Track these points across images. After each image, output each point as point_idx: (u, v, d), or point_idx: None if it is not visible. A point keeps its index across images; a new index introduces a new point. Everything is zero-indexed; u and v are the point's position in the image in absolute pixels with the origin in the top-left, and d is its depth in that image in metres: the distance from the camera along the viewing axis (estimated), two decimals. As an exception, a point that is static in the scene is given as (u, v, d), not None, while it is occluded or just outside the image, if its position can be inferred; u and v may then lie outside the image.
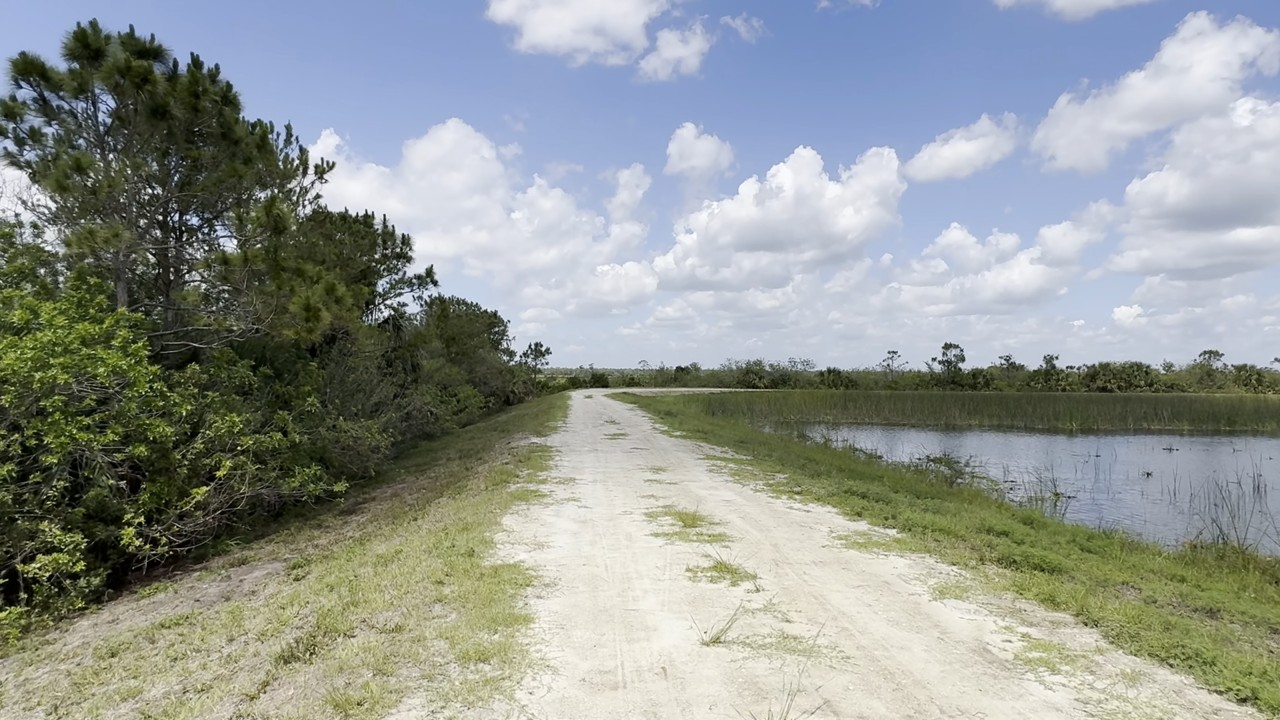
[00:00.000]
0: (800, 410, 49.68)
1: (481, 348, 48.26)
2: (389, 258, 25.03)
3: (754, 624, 4.70)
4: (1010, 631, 4.68)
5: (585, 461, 13.37)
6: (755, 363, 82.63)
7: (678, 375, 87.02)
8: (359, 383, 17.25)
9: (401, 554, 6.84)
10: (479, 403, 39.54)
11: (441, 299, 46.54)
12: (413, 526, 8.79)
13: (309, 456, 13.23)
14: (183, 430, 10.73)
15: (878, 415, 49.24)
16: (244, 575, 8.77)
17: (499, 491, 10.05)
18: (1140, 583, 6.76)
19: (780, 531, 7.57)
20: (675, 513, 8.43)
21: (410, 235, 25.82)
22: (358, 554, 7.67)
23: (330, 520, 12.09)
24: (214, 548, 11.02)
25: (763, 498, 9.79)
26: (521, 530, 7.46)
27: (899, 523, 8.21)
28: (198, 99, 11.83)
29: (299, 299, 11.40)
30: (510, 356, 62.86)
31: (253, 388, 13.60)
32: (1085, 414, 44.55)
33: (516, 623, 4.63)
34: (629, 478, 11.39)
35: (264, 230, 11.81)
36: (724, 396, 55.25)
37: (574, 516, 8.24)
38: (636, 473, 11.96)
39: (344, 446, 15.12)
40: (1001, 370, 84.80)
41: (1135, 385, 77.11)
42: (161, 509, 10.10)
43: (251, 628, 5.64)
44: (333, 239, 21.56)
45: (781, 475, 12.15)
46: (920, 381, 79.78)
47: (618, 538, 7.16)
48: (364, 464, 15.42)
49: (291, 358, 16.80)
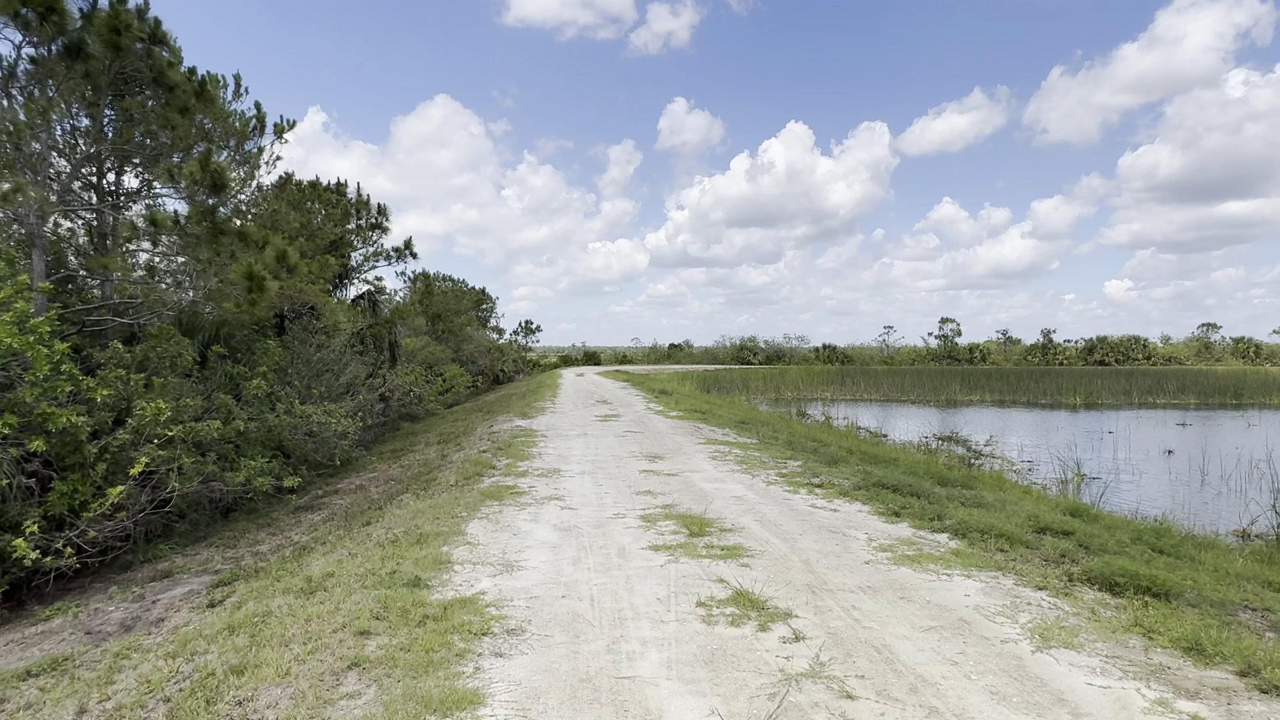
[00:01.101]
0: (797, 387, 48.42)
1: (468, 325, 46.63)
2: (363, 229, 23.38)
3: (802, 705, 3.26)
4: (1168, 710, 3.27)
5: (573, 448, 11.92)
6: (749, 339, 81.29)
7: (671, 352, 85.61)
8: (326, 362, 15.73)
9: (333, 579, 5.38)
10: (466, 382, 38.04)
11: (425, 274, 44.87)
12: (363, 534, 7.32)
13: (262, 445, 11.74)
14: (104, 419, 9.21)
15: (876, 391, 47.97)
16: (161, 594, 7.30)
17: (470, 488, 8.59)
18: (1253, 599, 5.38)
19: (809, 540, 6.14)
20: (677, 515, 6.99)
21: (387, 205, 24.13)
22: (287, 573, 6.20)
23: (283, 519, 10.63)
24: (145, 552, 9.55)
25: (778, 492, 8.36)
26: (488, 543, 6.01)
27: (947, 526, 6.79)
28: (118, 35, 10.18)
29: (239, 266, 9.86)
30: (500, 334, 61.32)
31: (194, 369, 12.09)
32: (1088, 388, 43.39)
33: (458, 707, 3.18)
34: (622, 468, 9.94)
35: (200, 188, 10.22)
36: (718, 374, 53.86)
37: (555, 522, 6.80)
38: (630, 461, 10.52)
39: (307, 433, 13.62)
40: (998, 344, 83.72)
41: (1133, 359, 76.15)
42: (75, 511, 8.61)
43: (114, 693, 4.17)
44: (300, 207, 19.90)
45: (794, 462, 10.72)
46: (917, 357, 78.62)
47: (608, 552, 5.71)
48: (330, 452, 13.93)
49: (251, 336, 15.26)
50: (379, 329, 22.22)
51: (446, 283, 51.28)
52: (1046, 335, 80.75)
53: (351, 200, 23.50)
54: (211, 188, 10.46)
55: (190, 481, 9.58)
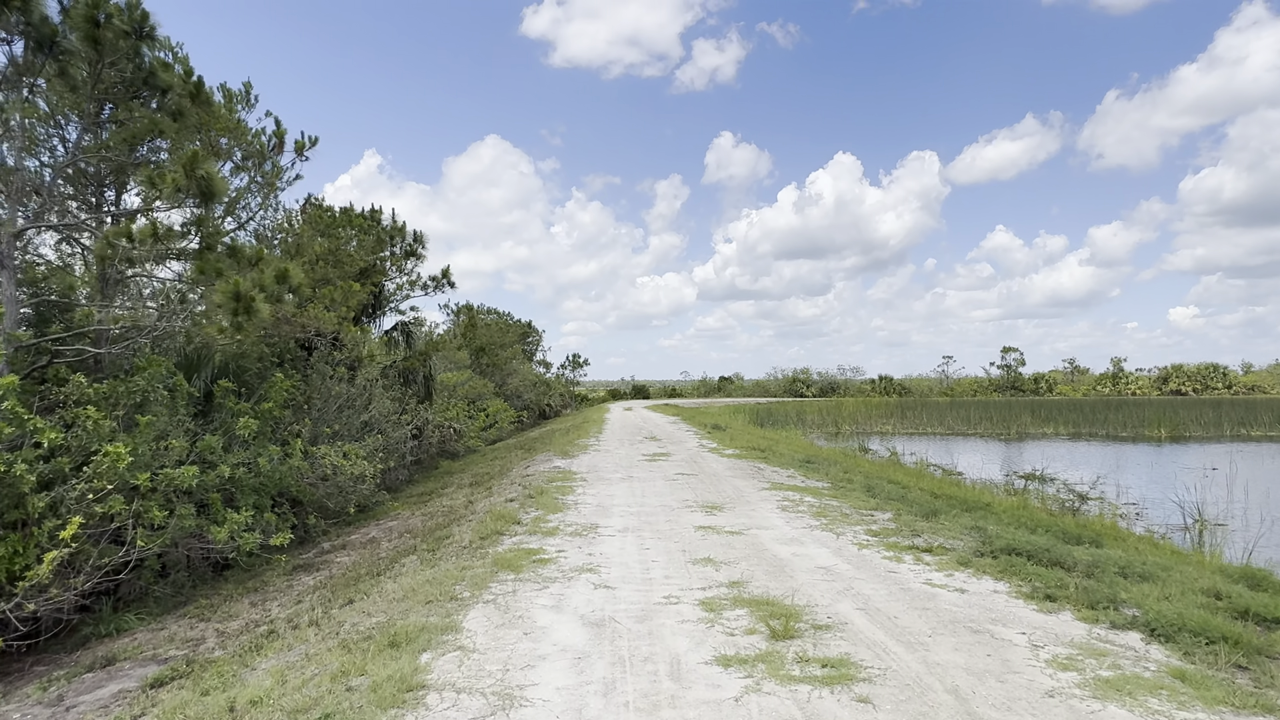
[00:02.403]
0: (855, 420, 46.04)
1: (514, 359, 45.37)
2: (397, 256, 22.16)
3: None
4: None
5: (615, 496, 10.15)
6: (802, 371, 78.69)
7: (721, 385, 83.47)
8: (347, 398, 14.30)
9: (259, 711, 3.68)
10: (510, 417, 36.70)
11: (469, 307, 43.98)
12: (337, 621, 5.62)
13: (259, 493, 10.22)
14: (60, 466, 7.76)
15: (939, 424, 45.28)
16: (85, 693, 5.71)
17: (485, 552, 6.87)
18: None
19: (945, 648, 4.25)
20: (750, 600, 5.16)
21: (424, 232, 22.89)
22: (218, 685, 4.54)
23: (275, 581, 9.04)
24: (109, 623, 8.04)
25: (876, 559, 6.46)
26: (487, 649, 4.26)
27: (1132, 619, 4.84)
28: (98, 28, 8.95)
29: (225, 285, 8.42)
30: (546, 368, 60.06)
31: (199, 406, 10.70)
32: (1173, 420, 40.11)
33: None
34: (673, 523, 8.12)
35: (185, 195, 8.85)
36: (771, 407, 51.67)
37: (585, 609, 5.01)
38: (683, 514, 8.70)
39: (321, 477, 12.12)
40: (1065, 374, 79.72)
41: (1212, 387, 71.57)
42: (17, 576, 7.13)
43: None
44: (328, 233, 18.73)
45: (882, 514, 8.78)
46: (978, 387, 75.16)
47: (656, 672, 3.91)
48: (345, 498, 12.39)
49: (267, 369, 13.93)
50: (413, 361, 20.85)
51: (491, 315, 50.33)
52: (1117, 364, 76.59)
53: (386, 227, 22.35)
54: (200, 196, 9.09)
55: (160, 539, 8.05)
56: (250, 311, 8.43)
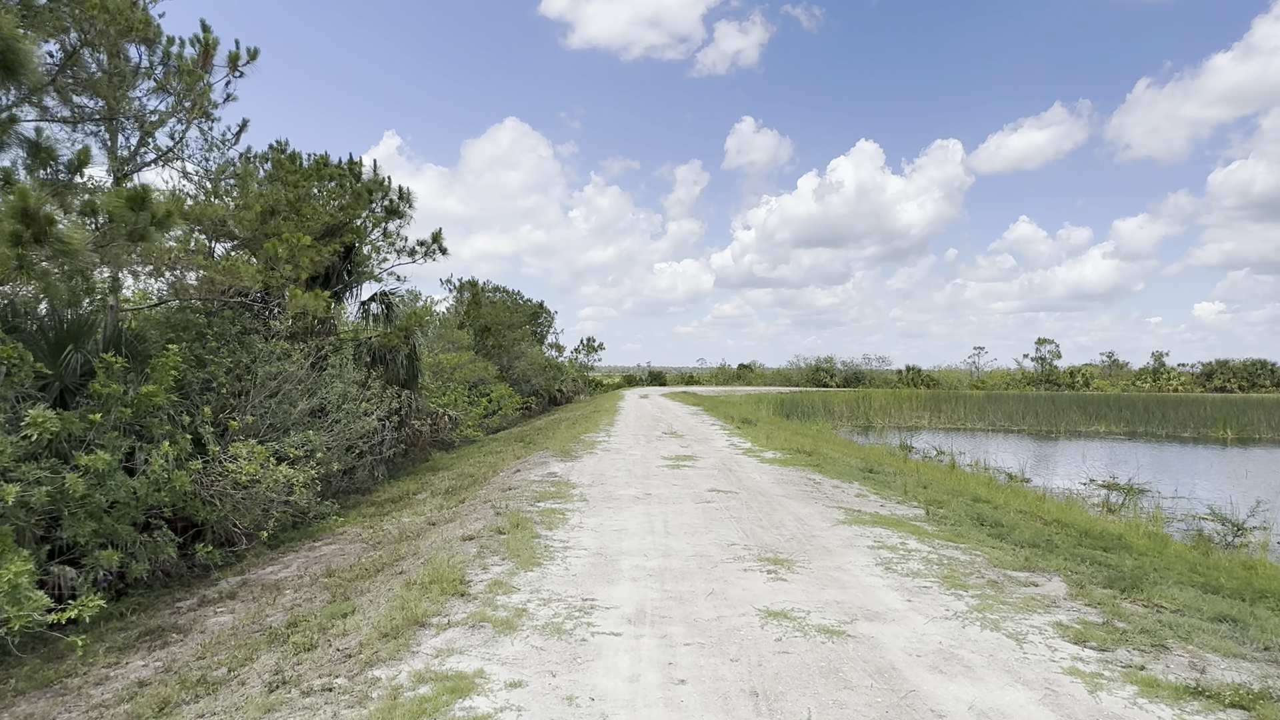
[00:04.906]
0: (886, 413, 42.69)
1: (522, 341, 42.09)
2: (376, 215, 18.88)
3: None
4: None
5: (626, 532, 6.89)
6: (825, 360, 74.92)
7: (740, 373, 79.91)
8: (283, 378, 11.08)
9: None
10: (516, 404, 33.51)
11: (473, 283, 40.69)
12: None
13: (117, 516, 7.03)
14: None
15: (980, 419, 41.79)
16: None
17: (378, 675, 3.66)
18: None
19: None
20: None
21: (410, 190, 19.58)
22: None
23: (76, 677, 5.84)
24: None
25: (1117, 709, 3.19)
26: None
27: None
28: None
29: (10, 201, 5.23)
30: (559, 352, 56.82)
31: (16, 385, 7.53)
32: (1240, 420, 36.40)
33: None
34: (721, 601, 4.86)
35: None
36: (795, 397, 48.29)
37: None
38: (734, 577, 5.44)
39: (234, 486, 8.92)
40: (1102, 368, 75.59)
41: (1260, 385, 67.37)
42: None
43: None
44: (292, 184, 15.47)
45: (1046, 578, 5.48)
46: (1010, 380, 71.31)
47: None
48: (265, 515, 9.20)
49: (179, 340, 10.77)
50: (392, 338, 17.61)
51: (499, 293, 47.11)
52: (1158, 358, 72.55)
53: (366, 181, 19.06)
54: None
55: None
56: (43, 240, 5.19)
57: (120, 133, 11.64)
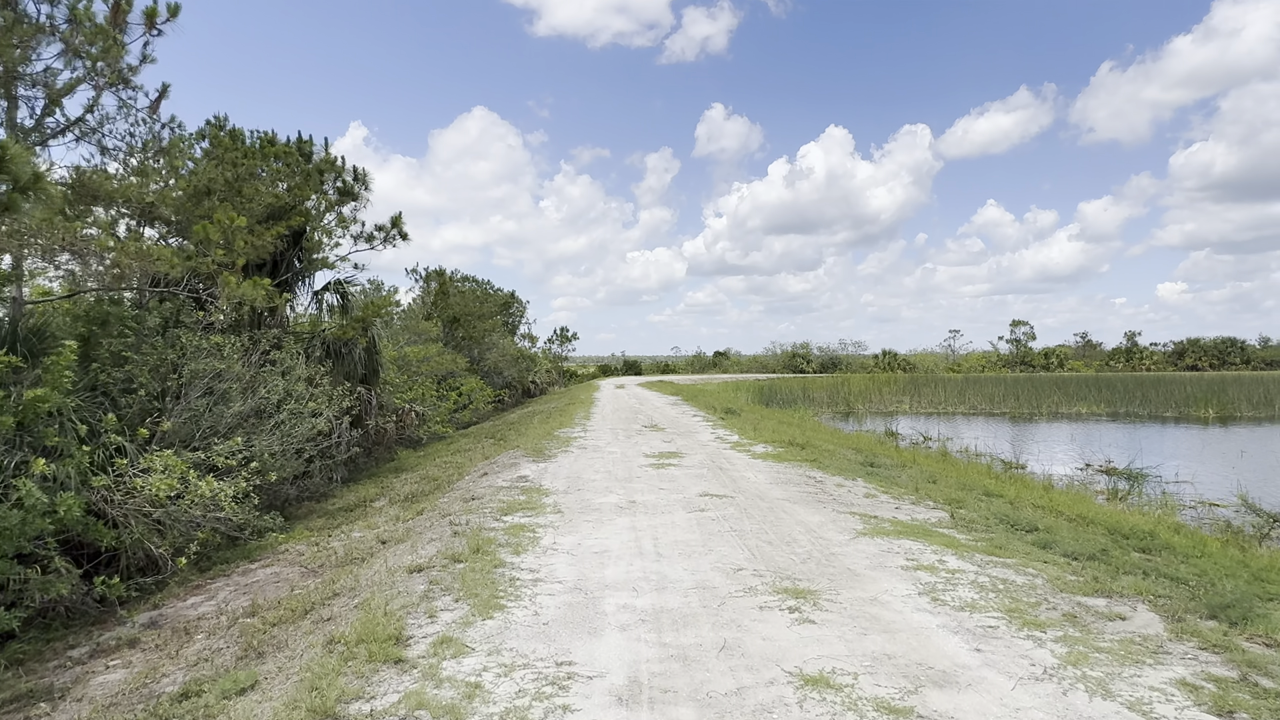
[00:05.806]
0: (866, 398, 41.85)
1: (493, 331, 40.59)
2: (329, 197, 17.46)
3: None
4: None
5: (609, 556, 5.73)
6: (802, 346, 74.07)
7: (716, 361, 78.92)
8: (214, 377, 9.74)
9: None
10: (488, 397, 32.09)
11: (440, 272, 39.14)
12: None
13: None
14: None
15: (961, 403, 41.09)
16: None
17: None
18: None
19: None
20: None
21: (366, 170, 18.16)
22: None
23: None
24: None
25: None
26: None
27: None
28: None
29: None
30: (532, 343, 55.30)
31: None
32: (1221, 398, 36.00)
33: None
34: (732, 657, 3.72)
35: None
36: (773, 384, 47.36)
37: None
38: (743, 610, 4.30)
39: (135, 511, 7.63)
40: (1076, 349, 75.61)
41: (1230, 363, 67.84)
42: None
43: None
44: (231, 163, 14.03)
45: (1140, 611, 4.42)
46: (986, 363, 71.07)
47: None
48: (182, 540, 7.90)
49: (92, 336, 9.44)
50: (348, 330, 16.24)
51: (468, 283, 45.52)
52: (1131, 338, 72.70)
53: (317, 161, 17.62)
54: None
55: None
56: None
57: (22, 102, 10.24)
